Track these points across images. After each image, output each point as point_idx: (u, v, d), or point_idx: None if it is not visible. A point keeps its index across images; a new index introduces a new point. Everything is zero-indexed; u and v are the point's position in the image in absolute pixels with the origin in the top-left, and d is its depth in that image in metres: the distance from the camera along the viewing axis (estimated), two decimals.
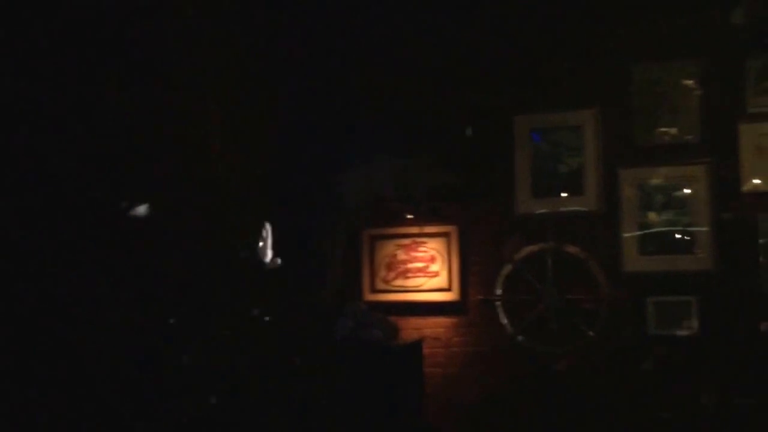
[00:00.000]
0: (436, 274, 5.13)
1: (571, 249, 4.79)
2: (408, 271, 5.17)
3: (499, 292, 4.94)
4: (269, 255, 2.81)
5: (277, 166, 4.80)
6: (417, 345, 4.91)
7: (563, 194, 4.85)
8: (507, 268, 4.95)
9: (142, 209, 2.80)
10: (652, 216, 4.68)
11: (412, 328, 5.11)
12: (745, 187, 4.44)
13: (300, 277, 4.81)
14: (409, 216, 5.14)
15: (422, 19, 4.76)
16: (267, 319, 3.07)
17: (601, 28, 4.70)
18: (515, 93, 4.89)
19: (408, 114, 4.96)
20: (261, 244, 2.83)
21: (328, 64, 4.88)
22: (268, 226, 2.88)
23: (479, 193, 5.01)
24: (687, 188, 4.61)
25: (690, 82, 4.62)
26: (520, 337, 4.87)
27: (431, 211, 5.11)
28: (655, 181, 4.67)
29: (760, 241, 4.38)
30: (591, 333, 4.69)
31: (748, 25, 4.04)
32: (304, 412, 4.51)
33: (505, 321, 4.91)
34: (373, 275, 5.23)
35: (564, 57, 4.78)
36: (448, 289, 5.09)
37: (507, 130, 4.93)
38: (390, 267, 5.21)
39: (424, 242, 5.16)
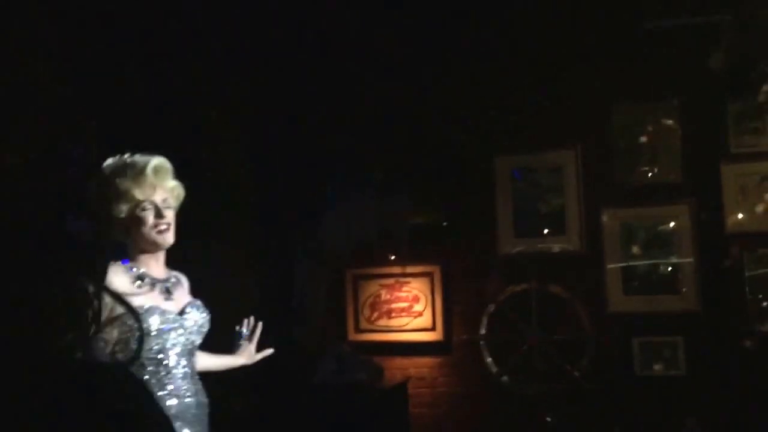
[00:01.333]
0: (419, 314, 5.05)
1: (555, 289, 4.72)
2: (392, 311, 5.09)
3: (483, 332, 4.86)
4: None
5: (258, 207, 4.76)
6: (402, 386, 4.81)
7: (545, 234, 4.78)
8: (490, 308, 4.87)
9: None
10: (636, 255, 4.62)
11: (397, 368, 5.02)
12: (729, 227, 4.43)
13: (283, 321, 4.75)
14: (391, 256, 5.09)
15: (401, 58, 4.73)
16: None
17: (581, 67, 4.64)
18: (496, 133, 4.82)
19: (388, 154, 4.89)
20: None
21: (307, 104, 4.85)
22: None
23: (461, 232, 4.92)
24: (670, 228, 4.57)
25: (671, 122, 4.59)
26: (504, 378, 4.78)
27: (413, 251, 5.04)
28: (637, 221, 4.60)
29: (747, 277, 4.36)
30: (576, 373, 4.62)
31: (726, 70, 4.03)
32: None
33: (489, 361, 4.83)
34: (357, 315, 5.12)
35: (544, 96, 4.72)
36: (432, 329, 5.00)
37: (488, 170, 4.87)
38: (374, 307, 5.12)
39: (407, 282, 5.08)
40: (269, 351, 2.92)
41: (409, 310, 5.05)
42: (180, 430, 2.36)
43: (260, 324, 2.93)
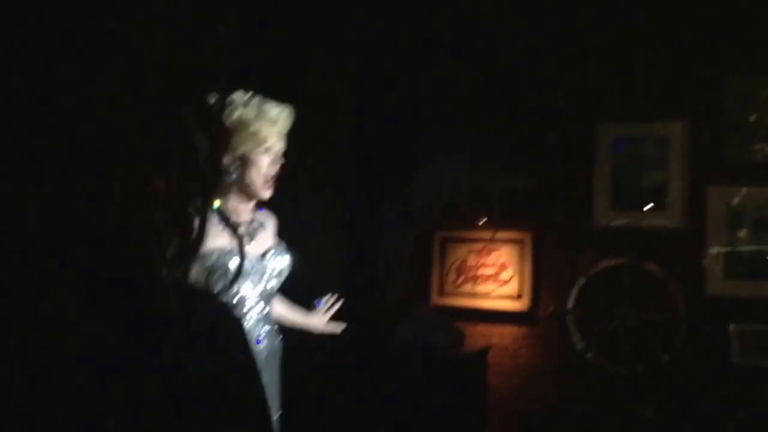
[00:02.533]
0: (506, 282, 4.92)
1: (650, 266, 4.49)
2: (478, 276, 4.98)
3: (571, 305, 4.71)
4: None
5: (350, 163, 4.74)
6: (482, 354, 4.72)
7: (645, 208, 4.53)
8: (581, 282, 4.69)
9: None
10: (742, 238, 4.34)
11: (479, 335, 4.92)
12: None
13: (366, 280, 4.75)
14: (482, 220, 4.98)
15: (503, 15, 4.56)
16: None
17: (695, 34, 4.35)
18: (599, 99, 4.57)
19: (486, 115, 4.71)
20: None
21: (403, 60, 4.75)
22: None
23: (557, 201, 4.73)
24: None
25: None
26: (590, 354, 4.63)
27: (505, 217, 4.88)
28: (746, 202, 4.29)
29: None
30: (666, 356, 4.42)
31: None
32: (364, 418, 4.44)
33: (575, 336, 4.69)
34: (441, 278, 5.06)
35: (653, 63, 4.44)
36: (518, 298, 4.87)
37: (589, 138, 4.63)
38: (460, 271, 5.02)
39: (497, 248, 4.94)
40: (339, 327, 2.87)
41: (496, 277, 4.93)
42: None
43: (339, 302, 2.88)
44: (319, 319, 2.80)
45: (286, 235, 2.69)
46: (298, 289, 2.88)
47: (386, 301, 4.78)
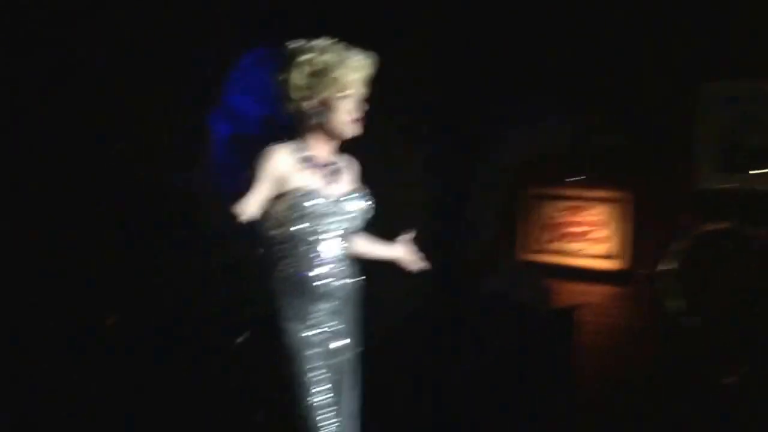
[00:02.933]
0: (599, 241, 4.73)
1: (756, 232, 4.25)
2: (569, 234, 4.82)
3: (667, 267, 4.53)
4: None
5: (440, 113, 4.65)
6: (569, 312, 4.60)
7: (752, 171, 4.27)
8: (680, 244, 4.47)
9: None
10: None
11: (567, 294, 4.77)
12: None
13: (453, 233, 4.70)
14: (575, 177, 4.79)
15: None
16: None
17: None
18: (706, 55, 4.28)
19: (583, 69, 4.51)
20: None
21: (498, 14, 4.58)
22: None
23: (656, 159, 4.49)
24: None
25: None
26: (685, 319, 4.46)
27: (601, 174, 4.67)
28: None
29: None
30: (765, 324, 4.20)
31: None
32: (446, 369, 4.45)
33: (670, 299, 4.52)
34: (531, 235, 4.92)
35: (765, 18, 4.14)
36: (611, 258, 4.71)
37: (695, 96, 4.36)
38: (550, 228, 4.86)
39: (591, 206, 4.75)
40: (423, 261, 2.84)
41: (588, 236, 4.77)
42: (330, 309, 2.41)
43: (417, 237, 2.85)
44: (402, 250, 2.78)
45: (372, 185, 2.68)
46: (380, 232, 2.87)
47: (472, 255, 4.72)
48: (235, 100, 3.98)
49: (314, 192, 2.35)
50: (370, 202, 2.54)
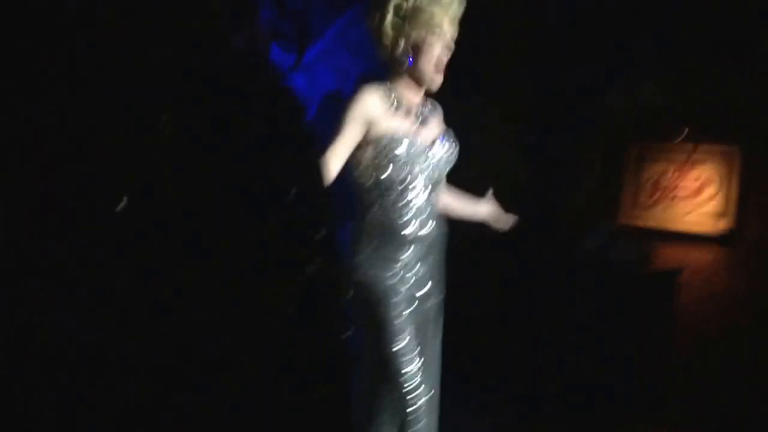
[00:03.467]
0: (709, 200, 4.45)
1: None
2: (677, 194, 4.58)
3: None
4: None
5: (537, 68, 4.51)
6: (672, 275, 4.36)
7: None
8: None
9: None
10: None
11: (673, 255, 4.52)
12: None
13: (550, 186, 4.58)
14: (683, 133, 4.57)
15: None
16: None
17: None
18: None
19: (689, 18, 4.21)
20: None
21: None
22: None
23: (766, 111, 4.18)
24: None
25: None
26: None
27: (710, 128, 4.36)
28: None
29: None
30: None
31: None
32: (544, 325, 4.38)
33: None
34: (635, 195, 4.67)
35: None
36: (721, 218, 4.40)
37: None
38: (656, 187, 4.64)
39: (699, 163, 4.47)
40: (510, 220, 2.79)
41: (696, 195, 4.53)
42: (417, 254, 2.39)
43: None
44: (489, 209, 2.74)
45: (465, 138, 2.65)
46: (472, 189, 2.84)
47: (570, 213, 4.60)
48: (339, 55, 4.00)
49: (404, 137, 2.32)
50: (456, 146, 2.49)
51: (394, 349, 2.31)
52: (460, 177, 2.67)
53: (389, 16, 2.33)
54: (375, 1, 2.36)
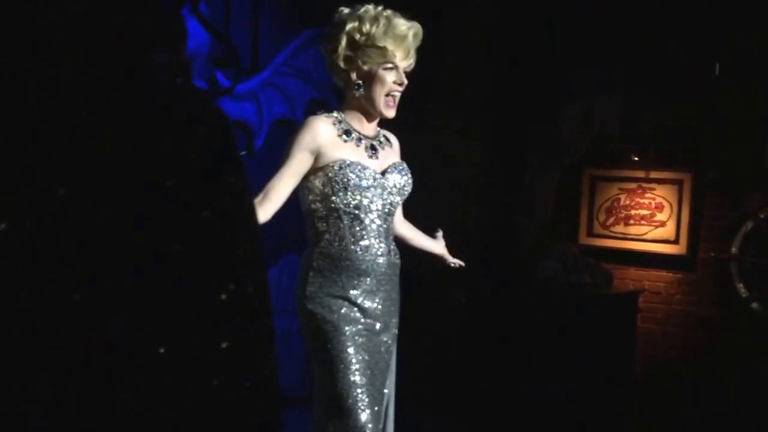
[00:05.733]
0: (662, 224, 4.46)
1: None
2: (630, 217, 4.54)
3: (734, 250, 4.21)
4: None
5: (495, 93, 4.44)
6: (631, 297, 4.31)
7: None
8: (747, 226, 4.17)
9: None
10: None
11: (630, 278, 4.52)
12: None
13: (508, 213, 4.47)
14: (635, 158, 4.51)
15: None
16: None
17: None
18: None
19: (641, 46, 4.20)
20: None
21: None
22: None
23: (720, 138, 4.16)
24: None
25: None
26: (755, 304, 4.12)
27: (661, 154, 4.40)
28: None
29: None
30: None
31: None
32: (502, 351, 4.25)
33: (739, 284, 4.18)
34: (591, 218, 4.65)
35: None
36: (675, 242, 4.40)
37: (763, 69, 4.03)
38: (610, 211, 4.59)
39: (652, 188, 4.47)
40: (460, 263, 2.69)
41: (651, 219, 4.49)
42: (370, 286, 2.29)
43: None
44: (439, 248, 2.65)
45: (422, 165, 2.55)
46: (434, 219, 2.75)
47: (529, 236, 4.49)
48: (288, 82, 3.88)
49: (356, 164, 2.24)
50: (409, 178, 2.40)
51: (343, 382, 2.20)
52: (417, 205, 2.56)
53: (342, 47, 2.25)
54: (329, 30, 2.29)
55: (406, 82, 2.30)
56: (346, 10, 2.28)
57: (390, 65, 2.26)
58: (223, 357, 0.74)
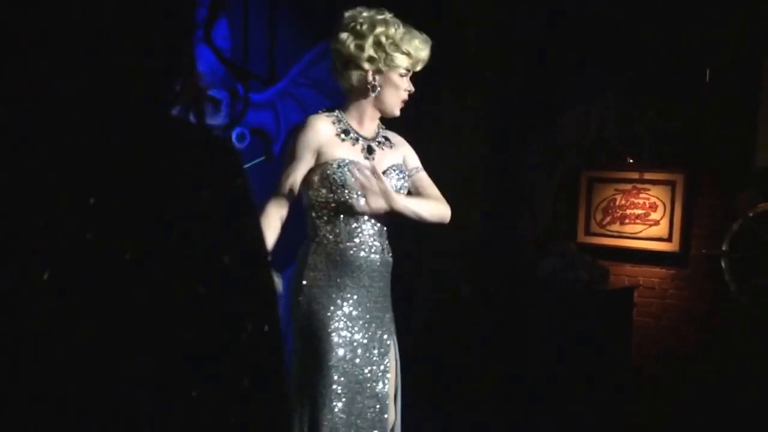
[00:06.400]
0: (656, 223, 4.64)
1: None
2: (626, 216, 4.71)
3: (725, 248, 4.40)
4: None
5: (496, 95, 4.59)
6: (628, 292, 4.49)
7: None
8: (738, 224, 4.36)
9: None
10: None
11: (625, 275, 4.69)
12: None
13: (505, 211, 4.63)
14: (630, 160, 4.70)
15: None
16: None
17: None
18: (765, 29, 4.11)
19: (638, 50, 4.36)
20: None
21: None
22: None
23: (713, 139, 4.34)
24: None
25: None
26: (744, 299, 4.34)
27: (656, 156, 4.56)
28: None
29: None
30: None
31: None
32: (504, 346, 4.42)
33: (729, 279, 4.36)
34: (588, 217, 4.83)
35: None
36: (668, 240, 4.58)
37: (752, 72, 4.21)
38: (607, 211, 4.77)
39: (646, 189, 4.65)
40: None
41: (645, 218, 4.67)
42: (363, 281, 2.33)
43: None
44: None
45: (423, 166, 2.61)
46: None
47: (529, 235, 4.67)
48: (303, 92, 4.03)
49: (354, 163, 2.27)
50: (406, 180, 2.43)
51: (324, 380, 2.24)
52: None
53: (368, 45, 2.28)
54: (354, 29, 2.31)
55: (413, 90, 2.38)
56: (365, 12, 2.31)
57: (406, 71, 2.33)
58: (244, 395, 0.74)
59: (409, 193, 2.48)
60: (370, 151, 2.38)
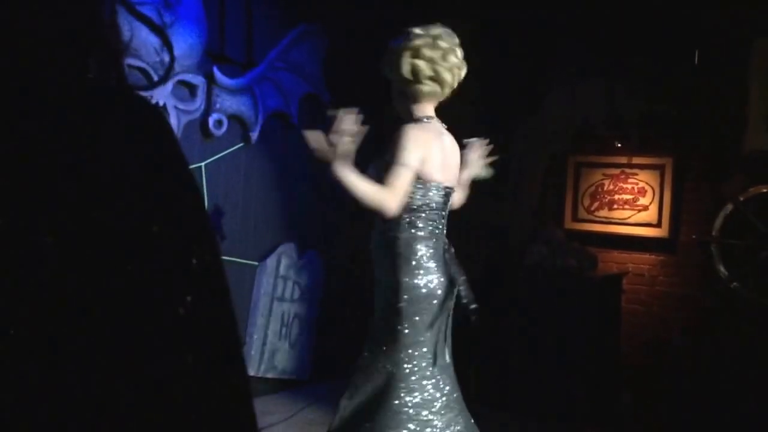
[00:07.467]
0: (644, 208, 4.55)
1: None
2: (614, 202, 4.62)
3: (716, 233, 4.30)
4: None
5: (480, 82, 4.47)
6: (616, 279, 4.40)
7: None
8: (728, 209, 4.25)
9: None
10: None
11: (614, 261, 4.61)
12: None
13: (495, 202, 4.51)
14: (618, 144, 4.59)
15: None
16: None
17: None
18: (756, 13, 4.01)
19: (625, 33, 4.24)
20: None
21: None
22: None
23: (702, 123, 4.24)
24: None
25: None
26: (735, 284, 4.22)
27: (644, 140, 4.46)
28: None
29: None
30: None
31: None
32: (490, 334, 4.31)
33: (720, 265, 4.27)
34: (575, 203, 4.73)
35: None
36: (657, 225, 4.49)
37: (741, 56, 4.10)
38: (594, 196, 4.68)
39: (635, 173, 4.56)
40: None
41: (633, 203, 4.57)
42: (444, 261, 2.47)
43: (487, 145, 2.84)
44: (473, 162, 2.83)
45: None
46: None
47: (516, 223, 4.55)
48: (282, 76, 3.89)
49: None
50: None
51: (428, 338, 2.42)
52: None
53: (451, 56, 2.43)
54: (433, 38, 2.42)
55: None
56: (438, 27, 2.45)
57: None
58: (187, 372, 0.71)
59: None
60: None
